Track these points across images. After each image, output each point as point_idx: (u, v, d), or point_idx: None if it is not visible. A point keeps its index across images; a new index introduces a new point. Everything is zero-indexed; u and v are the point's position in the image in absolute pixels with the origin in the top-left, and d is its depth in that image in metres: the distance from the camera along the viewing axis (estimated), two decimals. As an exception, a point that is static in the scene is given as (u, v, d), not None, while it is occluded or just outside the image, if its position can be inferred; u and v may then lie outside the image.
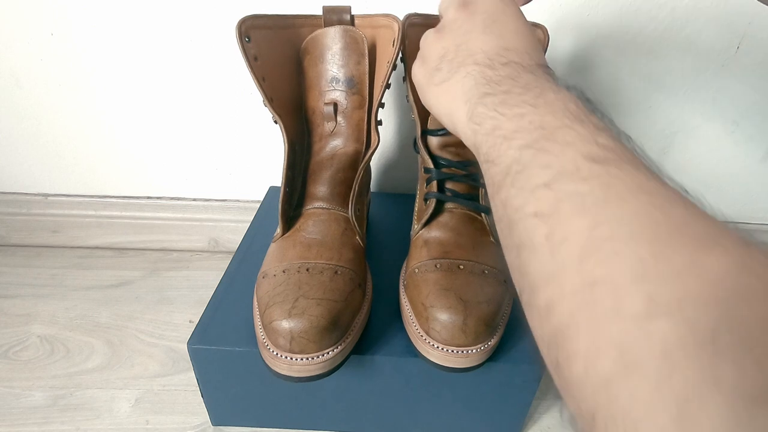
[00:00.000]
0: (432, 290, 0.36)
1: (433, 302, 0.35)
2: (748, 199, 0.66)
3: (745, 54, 0.54)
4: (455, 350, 0.34)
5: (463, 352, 0.34)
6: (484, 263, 0.38)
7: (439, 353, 0.34)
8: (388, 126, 0.60)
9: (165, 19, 0.52)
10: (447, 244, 0.39)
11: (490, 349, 0.35)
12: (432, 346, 0.35)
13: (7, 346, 0.51)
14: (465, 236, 0.40)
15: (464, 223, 0.41)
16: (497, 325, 0.36)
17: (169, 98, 0.57)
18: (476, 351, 0.34)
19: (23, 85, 0.56)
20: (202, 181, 0.64)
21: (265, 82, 0.38)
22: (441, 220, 0.41)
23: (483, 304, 0.35)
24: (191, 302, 0.59)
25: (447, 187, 0.42)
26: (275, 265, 0.37)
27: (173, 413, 0.45)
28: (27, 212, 0.65)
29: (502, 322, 0.37)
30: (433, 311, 0.35)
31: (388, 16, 0.39)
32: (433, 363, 0.35)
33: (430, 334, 0.35)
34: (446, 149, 0.43)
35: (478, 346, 0.34)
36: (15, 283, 0.60)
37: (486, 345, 0.35)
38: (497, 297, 0.36)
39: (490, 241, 0.41)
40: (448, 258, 0.38)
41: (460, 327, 0.34)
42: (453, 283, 0.36)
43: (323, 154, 0.42)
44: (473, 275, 0.37)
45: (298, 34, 0.42)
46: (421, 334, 0.35)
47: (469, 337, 0.34)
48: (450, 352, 0.34)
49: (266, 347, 0.33)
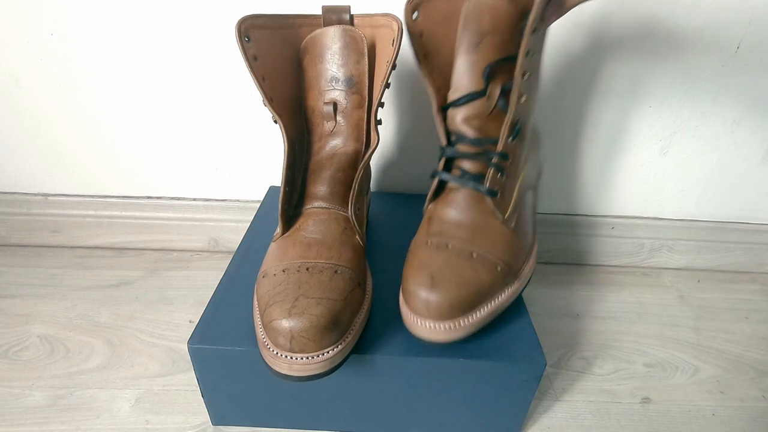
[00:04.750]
0: (411, 264, 0.37)
1: (408, 276, 0.36)
2: (748, 199, 0.66)
3: (745, 54, 0.54)
4: (423, 322, 0.35)
5: (429, 326, 0.35)
6: (476, 247, 0.37)
7: (410, 321, 0.36)
8: (387, 125, 0.60)
9: (165, 19, 0.52)
10: (445, 223, 0.39)
11: (459, 329, 0.35)
12: (408, 314, 0.36)
13: (7, 346, 0.51)
14: (467, 217, 0.39)
15: (470, 204, 0.39)
16: (470, 309, 0.35)
17: (169, 98, 0.57)
18: (442, 328, 0.35)
19: (23, 85, 0.56)
20: (202, 181, 0.64)
21: (264, 81, 0.38)
22: (449, 198, 0.40)
23: (454, 286, 0.35)
24: (191, 302, 0.59)
25: (458, 164, 0.41)
26: (275, 264, 0.37)
27: (173, 413, 0.45)
28: (27, 212, 0.65)
29: (483, 308, 0.36)
30: (406, 284, 0.36)
31: (387, 16, 0.39)
32: (408, 329, 0.37)
33: (407, 303, 0.36)
34: (467, 122, 0.40)
35: (444, 322, 0.35)
36: (15, 283, 0.60)
37: (453, 324, 0.35)
38: (476, 282, 0.36)
39: (495, 225, 0.39)
40: (440, 236, 0.38)
41: (423, 302, 0.34)
42: (431, 260, 0.36)
43: (323, 153, 0.42)
44: (459, 257, 0.36)
45: (298, 34, 0.42)
46: (401, 300, 0.37)
47: (432, 314, 0.34)
48: (419, 323, 0.35)
49: (266, 346, 0.33)
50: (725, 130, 0.60)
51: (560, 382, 0.50)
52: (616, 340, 0.56)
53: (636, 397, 0.49)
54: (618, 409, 0.47)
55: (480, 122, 0.40)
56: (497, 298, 0.37)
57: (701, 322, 0.60)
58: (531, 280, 0.40)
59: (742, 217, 0.68)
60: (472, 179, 0.39)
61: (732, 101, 0.58)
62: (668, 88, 0.57)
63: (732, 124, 0.59)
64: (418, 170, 0.64)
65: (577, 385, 0.50)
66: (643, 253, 0.69)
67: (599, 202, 0.66)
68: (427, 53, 0.40)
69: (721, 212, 0.67)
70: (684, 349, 0.56)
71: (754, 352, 0.56)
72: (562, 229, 0.68)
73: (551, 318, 0.60)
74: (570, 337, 0.56)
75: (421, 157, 0.62)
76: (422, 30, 0.39)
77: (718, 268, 0.71)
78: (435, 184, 0.41)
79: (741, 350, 0.56)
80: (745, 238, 0.68)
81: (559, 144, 0.61)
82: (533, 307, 0.61)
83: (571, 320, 0.59)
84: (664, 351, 0.55)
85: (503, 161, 0.39)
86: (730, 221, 0.68)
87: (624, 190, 0.65)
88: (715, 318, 0.61)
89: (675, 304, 0.63)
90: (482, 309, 0.36)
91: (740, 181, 0.64)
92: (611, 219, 0.67)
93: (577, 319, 0.60)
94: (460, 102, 0.39)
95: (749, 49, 0.54)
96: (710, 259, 0.70)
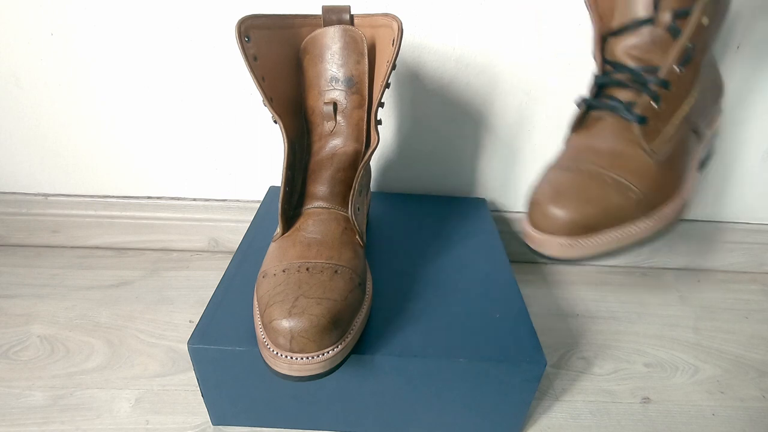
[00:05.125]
0: (538, 183, 0.36)
1: (533, 191, 0.35)
2: (748, 199, 0.66)
3: (745, 54, 0.54)
4: (543, 236, 0.33)
5: (549, 241, 0.33)
6: (610, 171, 0.34)
7: (531, 235, 0.35)
8: (387, 125, 0.60)
9: (165, 19, 0.52)
10: (582, 150, 0.37)
11: (580, 247, 0.33)
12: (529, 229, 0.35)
13: (7, 346, 0.51)
14: (607, 144, 0.36)
15: (614, 132, 0.37)
16: (595, 229, 0.33)
17: (169, 98, 0.57)
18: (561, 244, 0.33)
19: (23, 85, 0.56)
20: (202, 181, 0.64)
21: (264, 81, 0.38)
22: (591, 126, 0.38)
23: (578, 201, 0.33)
24: (191, 302, 0.59)
25: (610, 92, 0.38)
26: (275, 264, 0.37)
27: (173, 413, 0.45)
28: (27, 212, 0.65)
29: (609, 232, 0.33)
30: (530, 197, 0.35)
31: (387, 16, 0.39)
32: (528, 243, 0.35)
33: (528, 216, 0.35)
34: (631, 51, 0.37)
35: (564, 238, 0.33)
36: (15, 283, 0.60)
37: (575, 242, 0.33)
38: (603, 201, 0.33)
39: (637, 153, 0.35)
40: (574, 161, 0.36)
41: (544, 214, 0.33)
42: (559, 178, 0.35)
43: (323, 153, 0.42)
44: (589, 177, 0.34)
45: (298, 34, 0.42)
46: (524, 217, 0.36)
47: (553, 227, 0.33)
48: (539, 236, 0.34)
49: (266, 346, 0.33)
50: (725, 130, 0.60)
51: (560, 382, 0.50)
52: (616, 340, 0.56)
53: (636, 397, 0.49)
54: (618, 409, 0.47)
55: (642, 52, 0.36)
56: (627, 227, 0.34)
57: (701, 322, 0.60)
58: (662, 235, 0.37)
59: (742, 217, 0.68)
60: (623, 107, 0.36)
61: (732, 101, 0.58)
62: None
63: (732, 124, 0.59)
64: (418, 170, 0.64)
65: (577, 385, 0.50)
66: (643, 253, 0.69)
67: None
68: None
69: (721, 212, 0.67)
70: (684, 349, 0.56)
71: (754, 352, 0.56)
72: (562, 229, 0.68)
73: (551, 318, 0.60)
74: (570, 337, 0.56)
75: (421, 157, 0.62)
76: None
77: (718, 268, 0.71)
78: (580, 112, 0.38)
79: (741, 350, 0.56)
80: (745, 238, 0.68)
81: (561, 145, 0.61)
82: (533, 307, 0.61)
83: (571, 320, 0.59)
84: (664, 351, 0.55)
85: (662, 89, 0.35)
86: (730, 221, 0.68)
87: (624, 190, 0.65)
88: (715, 318, 0.61)
89: (675, 304, 0.63)
90: (608, 233, 0.33)
91: (740, 181, 0.64)
92: (611, 219, 0.67)
93: (577, 319, 0.60)
94: (624, 30, 0.37)
95: (749, 49, 0.54)
96: (710, 259, 0.70)
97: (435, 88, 0.57)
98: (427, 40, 0.54)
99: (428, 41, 0.54)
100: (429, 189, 0.65)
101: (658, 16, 0.36)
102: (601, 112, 0.38)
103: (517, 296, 0.44)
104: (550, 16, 0.52)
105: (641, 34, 0.36)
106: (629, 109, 0.36)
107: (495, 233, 0.55)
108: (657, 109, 0.36)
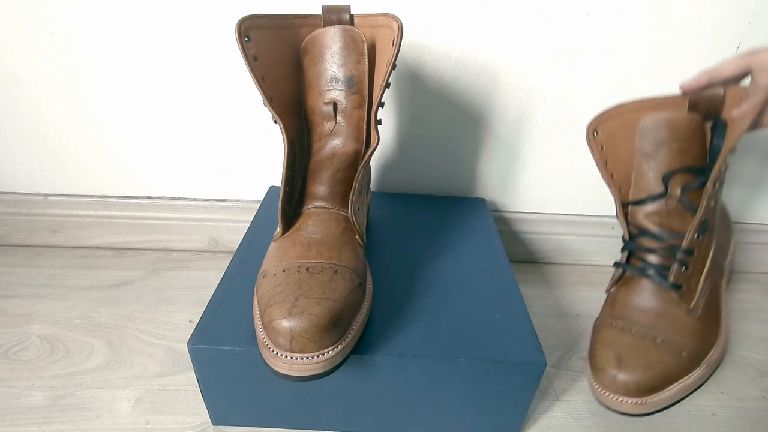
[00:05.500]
0: (597, 342, 0.43)
1: (595, 353, 0.42)
2: (748, 199, 0.66)
3: (745, 53, 0.54)
4: (612, 396, 0.40)
5: (619, 400, 0.40)
6: (660, 333, 0.41)
7: (599, 393, 0.41)
8: (387, 125, 0.60)
9: (165, 19, 0.52)
10: (628, 308, 0.43)
11: (646, 405, 0.40)
12: (597, 387, 0.41)
13: (7, 346, 0.51)
14: (651, 304, 0.43)
15: (653, 292, 0.44)
16: (658, 389, 0.40)
17: (169, 98, 0.57)
18: (629, 403, 0.40)
19: (23, 85, 0.56)
20: (202, 181, 0.64)
21: (264, 81, 0.38)
22: (632, 284, 0.45)
23: (641, 368, 0.39)
24: (191, 302, 0.59)
25: (641, 256, 0.45)
26: (275, 264, 0.37)
27: (173, 413, 0.45)
28: (27, 212, 0.65)
29: (670, 389, 0.40)
30: (594, 360, 0.42)
31: (387, 16, 0.39)
32: (596, 399, 0.42)
33: (596, 378, 0.41)
34: (650, 218, 0.45)
35: (631, 399, 0.39)
36: (15, 283, 0.60)
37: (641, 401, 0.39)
38: (661, 365, 0.40)
39: (679, 314, 0.43)
40: (623, 320, 0.43)
41: (612, 379, 0.40)
42: (617, 341, 0.41)
43: (323, 153, 0.42)
44: (643, 341, 0.41)
45: (298, 34, 0.42)
46: (588, 373, 0.43)
47: (620, 390, 0.39)
48: (608, 396, 0.40)
49: (266, 346, 0.33)
50: (725, 130, 0.60)
51: (560, 382, 0.50)
52: (616, 340, 0.56)
53: (636, 397, 0.49)
54: (618, 409, 0.47)
55: (661, 218, 0.44)
56: (684, 381, 0.41)
57: (701, 322, 0.60)
58: None
59: (742, 217, 0.68)
60: (656, 273, 0.43)
61: (732, 101, 0.58)
62: (668, 88, 0.57)
63: (732, 124, 0.59)
64: (418, 170, 0.64)
65: (577, 385, 0.50)
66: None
67: (599, 203, 0.66)
68: (606, 161, 0.47)
69: (721, 212, 0.67)
70: (684, 349, 0.56)
71: (754, 352, 0.56)
72: (562, 229, 0.68)
73: (551, 318, 0.60)
74: (570, 337, 0.56)
75: (422, 157, 0.62)
76: (602, 143, 0.47)
77: (718, 268, 0.71)
78: (619, 274, 0.46)
79: (741, 350, 0.56)
80: (744, 238, 0.68)
81: (561, 145, 0.61)
82: (533, 307, 0.61)
83: (571, 320, 0.59)
84: (664, 351, 0.55)
85: (688, 257, 0.43)
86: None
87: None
88: (715, 318, 0.61)
89: (675, 304, 0.63)
90: (669, 390, 0.40)
91: (740, 181, 0.64)
92: (611, 219, 0.67)
93: (577, 319, 0.59)
94: (642, 202, 0.45)
95: (749, 49, 0.54)
96: (710, 259, 0.70)
97: (435, 88, 0.57)
98: (427, 40, 0.54)
99: (428, 41, 0.54)
100: (429, 189, 0.65)
101: (669, 191, 0.44)
102: (633, 273, 0.45)
103: (517, 296, 0.44)
104: (550, 16, 0.52)
105: (658, 204, 0.44)
106: (664, 276, 0.43)
107: (495, 233, 0.55)
108: (687, 273, 0.43)
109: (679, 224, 0.44)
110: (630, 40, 0.54)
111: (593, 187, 0.65)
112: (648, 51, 0.54)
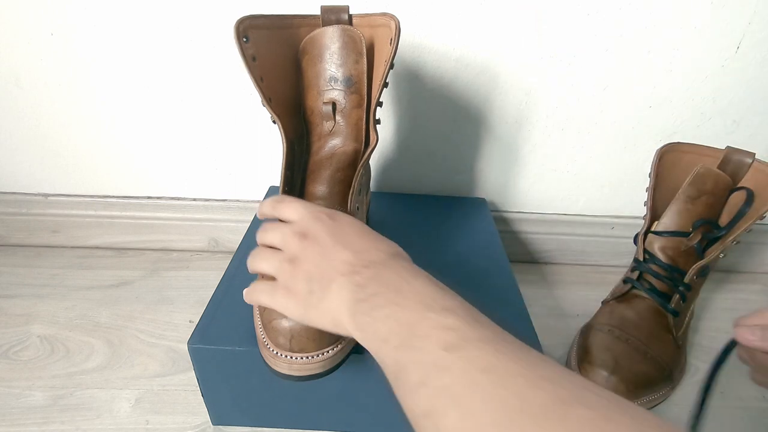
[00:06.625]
0: (594, 344, 0.47)
1: (582, 357, 0.47)
2: (749, 198, 0.66)
3: (745, 54, 0.54)
4: None
5: None
6: (651, 349, 0.46)
7: None
8: (386, 125, 0.60)
9: (165, 19, 0.52)
10: (626, 320, 0.48)
11: None
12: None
13: (7, 346, 0.51)
14: (646, 323, 0.48)
15: (649, 312, 0.49)
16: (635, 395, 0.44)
17: (169, 98, 0.57)
18: None
19: (23, 85, 0.56)
20: (202, 181, 0.64)
21: (263, 82, 0.38)
22: (633, 301, 0.50)
23: (631, 375, 0.44)
24: (191, 302, 0.59)
25: (647, 278, 0.50)
26: (274, 264, 0.36)
27: (173, 413, 0.45)
28: (27, 212, 0.65)
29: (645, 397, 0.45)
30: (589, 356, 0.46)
31: (385, 15, 0.39)
32: None
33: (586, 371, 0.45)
34: (663, 250, 0.51)
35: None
36: (15, 283, 0.60)
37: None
38: (646, 376, 0.45)
39: (667, 338, 0.48)
40: (620, 330, 0.47)
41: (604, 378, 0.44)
42: (614, 347, 0.46)
43: (322, 153, 0.42)
44: (636, 352, 0.46)
45: (297, 34, 0.42)
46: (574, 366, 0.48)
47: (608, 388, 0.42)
48: None
49: (266, 346, 0.33)
50: (725, 130, 0.60)
51: (560, 381, 0.50)
52: (616, 339, 0.56)
53: (636, 397, 0.49)
54: (618, 409, 0.47)
55: (674, 253, 0.50)
56: (654, 394, 0.46)
57: (701, 322, 0.60)
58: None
59: (742, 216, 0.67)
60: (660, 296, 0.49)
61: (732, 101, 0.58)
62: (668, 88, 0.57)
63: (732, 124, 0.59)
64: (418, 170, 0.64)
65: (577, 385, 0.50)
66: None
67: (599, 203, 0.66)
68: (655, 187, 0.53)
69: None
70: (684, 348, 0.56)
71: (754, 351, 0.56)
72: (562, 229, 0.68)
73: (551, 318, 0.60)
74: (570, 337, 0.56)
75: (421, 157, 0.62)
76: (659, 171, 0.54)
77: (718, 267, 0.71)
78: (626, 289, 0.51)
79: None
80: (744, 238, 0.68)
81: (561, 145, 0.61)
82: (533, 307, 0.61)
83: (571, 320, 0.59)
84: (664, 351, 0.55)
85: (687, 291, 0.49)
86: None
87: (624, 190, 0.65)
88: (715, 318, 0.61)
89: (675, 304, 0.63)
90: (644, 398, 0.45)
91: (740, 180, 0.64)
92: (611, 219, 0.67)
93: (577, 319, 0.59)
94: (664, 234, 0.50)
95: (749, 49, 0.54)
96: (710, 259, 0.70)
97: (435, 88, 0.57)
98: (427, 40, 0.54)
99: (428, 41, 0.54)
100: (429, 189, 0.65)
101: (692, 234, 0.50)
102: (640, 291, 0.50)
103: (517, 296, 0.44)
104: (550, 16, 0.52)
105: (675, 240, 0.50)
106: (667, 300, 0.49)
107: (495, 233, 0.55)
108: (683, 305, 0.50)
109: (684, 262, 0.50)
110: (630, 40, 0.54)
111: (593, 187, 0.65)
112: (648, 51, 0.54)
